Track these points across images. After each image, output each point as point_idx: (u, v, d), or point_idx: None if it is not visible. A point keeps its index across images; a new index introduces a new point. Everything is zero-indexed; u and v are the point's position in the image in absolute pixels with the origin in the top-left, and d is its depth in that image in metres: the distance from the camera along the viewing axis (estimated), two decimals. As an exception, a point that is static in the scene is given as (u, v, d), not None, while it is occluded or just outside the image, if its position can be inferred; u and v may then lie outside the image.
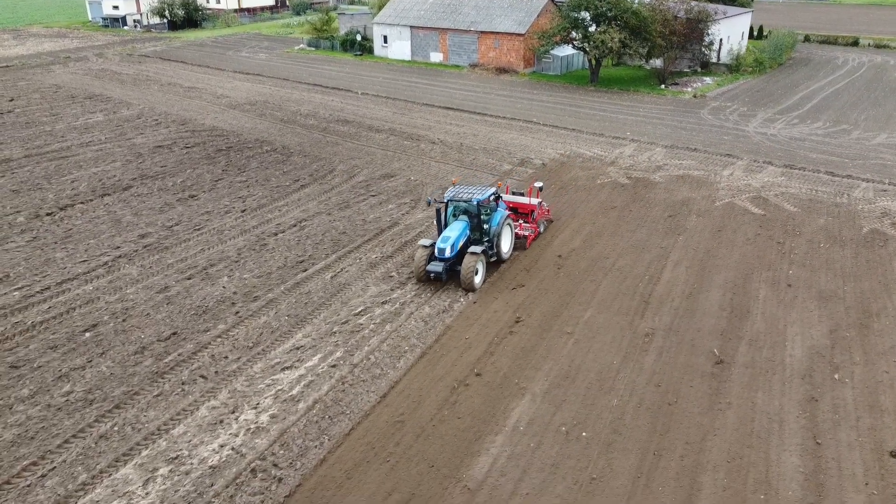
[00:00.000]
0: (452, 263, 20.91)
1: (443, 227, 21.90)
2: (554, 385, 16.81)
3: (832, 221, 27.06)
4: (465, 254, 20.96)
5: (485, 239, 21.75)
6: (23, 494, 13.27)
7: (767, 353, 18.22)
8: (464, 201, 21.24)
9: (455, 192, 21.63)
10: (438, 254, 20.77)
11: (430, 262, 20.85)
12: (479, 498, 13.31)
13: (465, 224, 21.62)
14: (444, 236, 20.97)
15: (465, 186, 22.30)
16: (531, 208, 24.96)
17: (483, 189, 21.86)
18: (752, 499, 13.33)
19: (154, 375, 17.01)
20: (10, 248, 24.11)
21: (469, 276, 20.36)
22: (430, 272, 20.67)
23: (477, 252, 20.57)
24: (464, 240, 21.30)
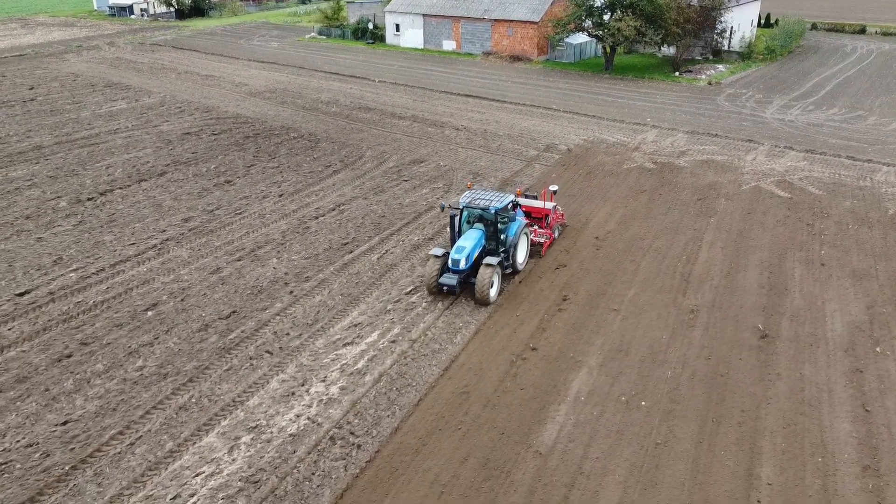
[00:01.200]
0: (467, 275, 19.63)
1: (456, 235, 20.42)
2: (608, 358, 17.43)
3: (858, 204, 27.68)
4: (479, 265, 19.68)
5: (500, 249, 20.29)
6: (115, 461, 13.86)
7: (809, 328, 18.87)
8: (480, 209, 19.81)
9: (471, 199, 20.12)
10: (452, 265, 19.26)
11: (443, 274, 19.50)
12: (552, 462, 13.95)
13: (481, 233, 20.03)
14: (458, 246, 19.47)
15: (481, 191, 20.84)
16: (545, 213, 23.40)
17: (501, 196, 20.33)
18: (811, 462, 13.99)
19: (221, 351, 17.58)
20: (58, 231, 24.59)
21: (484, 289, 18.96)
22: (443, 285, 19.24)
23: (493, 264, 19.11)
24: (479, 250, 19.84)
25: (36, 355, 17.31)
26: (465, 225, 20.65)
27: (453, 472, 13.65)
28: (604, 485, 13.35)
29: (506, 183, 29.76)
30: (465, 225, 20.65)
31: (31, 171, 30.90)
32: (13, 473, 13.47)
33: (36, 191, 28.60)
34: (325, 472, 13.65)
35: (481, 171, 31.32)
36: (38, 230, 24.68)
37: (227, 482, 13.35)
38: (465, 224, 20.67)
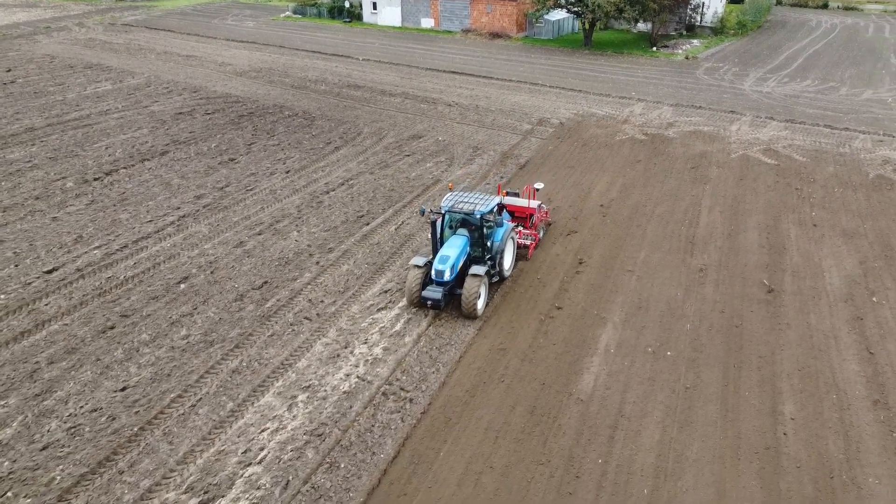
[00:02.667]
0: (451, 286, 18.13)
1: (438, 243, 18.73)
2: (630, 314, 18.56)
3: (840, 169, 29.28)
4: (464, 274, 18.21)
5: (486, 256, 18.77)
6: (181, 421, 14.50)
7: (810, 283, 20.27)
8: (465, 214, 18.19)
9: (454, 202, 18.48)
10: (436, 277, 17.67)
11: (426, 287, 17.93)
12: (593, 408, 15.03)
13: (465, 240, 18.46)
14: (442, 255, 17.85)
15: (463, 193, 19.24)
16: (530, 212, 21.86)
17: (486, 198, 18.80)
18: (826, 398, 15.34)
19: (261, 319, 18.21)
20: (72, 211, 24.71)
21: (472, 302, 17.44)
22: (427, 299, 17.62)
23: (480, 274, 17.56)
24: (464, 258, 18.36)
25: (79, 328, 17.70)
26: (448, 230, 19.02)
27: (504, 420, 14.62)
28: (644, 425, 14.47)
29: (506, 156, 30.63)
30: (448, 230, 19.02)
31: (29, 153, 30.68)
32: (84, 436, 14.01)
33: (39, 172, 28.49)
34: (384, 423, 14.49)
35: (480, 146, 32.11)
36: (52, 210, 24.75)
37: (292, 436, 14.10)
38: (448, 229, 19.03)
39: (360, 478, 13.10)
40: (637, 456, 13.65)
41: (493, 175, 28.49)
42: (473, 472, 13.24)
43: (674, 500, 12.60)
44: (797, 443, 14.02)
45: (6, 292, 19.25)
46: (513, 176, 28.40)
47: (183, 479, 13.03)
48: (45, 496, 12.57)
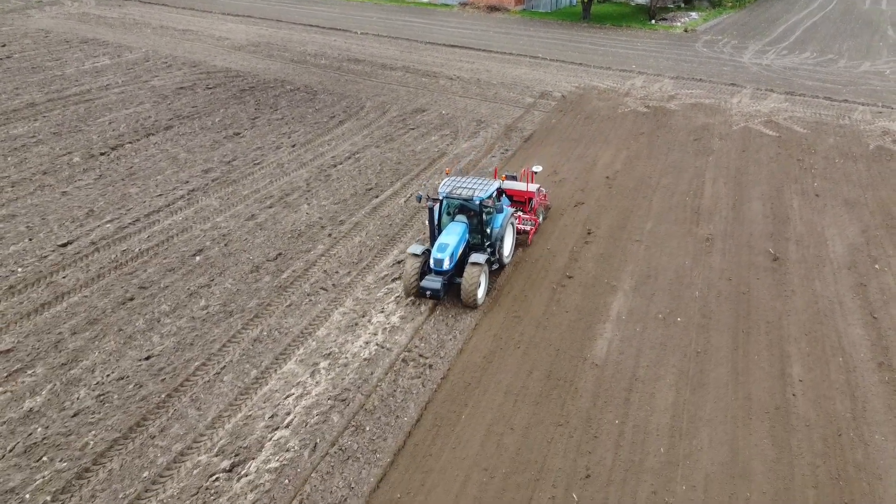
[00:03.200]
0: (451, 275, 17.61)
1: (436, 230, 18.26)
2: (640, 283, 18.96)
3: (841, 140, 29.63)
4: (463, 262, 17.77)
5: (486, 243, 18.26)
6: (207, 388, 14.86)
7: (814, 251, 20.70)
8: (463, 200, 17.62)
9: (451, 187, 17.88)
10: (435, 266, 17.11)
11: (425, 277, 17.36)
12: (608, 372, 15.47)
13: (464, 227, 17.89)
14: (440, 243, 17.24)
15: (461, 178, 18.62)
16: (529, 196, 21.22)
17: (484, 183, 18.18)
18: (833, 361, 15.83)
19: (278, 289, 18.51)
20: (81, 185, 24.80)
21: (472, 291, 16.92)
22: (426, 290, 17.02)
23: (480, 262, 17.01)
24: (463, 246, 17.83)
25: (99, 299, 17.95)
26: (445, 216, 18.45)
27: (522, 384, 15.04)
28: (658, 388, 14.93)
29: (510, 129, 30.79)
30: (445, 216, 18.45)
31: (33, 129, 30.61)
32: (113, 403, 14.35)
33: (44, 147, 28.47)
34: (405, 388, 14.89)
35: (483, 119, 32.24)
36: (60, 185, 24.83)
37: (317, 401, 14.48)
38: (445, 215, 18.46)
39: (385, 440, 13.51)
40: (652, 417, 14.11)
41: (497, 148, 28.69)
42: (495, 434, 13.67)
43: (689, 457, 13.08)
44: (805, 403, 14.51)
45: (23, 266, 19.43)
46: (517, 149, 28.60)
47: (213, 442, 13.41)
48: (81, 460, 12.92)
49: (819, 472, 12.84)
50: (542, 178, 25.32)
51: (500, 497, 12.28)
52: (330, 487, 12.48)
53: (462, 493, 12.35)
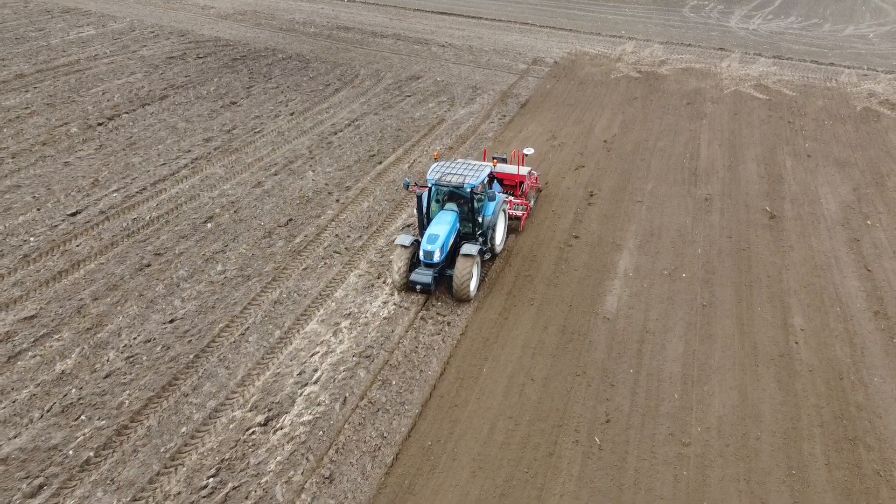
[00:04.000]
0: (441, 267, 16.71)
1: (425, 219, 17.40)
2: (644, 241, 19.58)
3: (829, 102, 30.33)
4: (453, 253, 16.94)
5: (478, 232, 17.37)
6: (234, 348, 15.27)
7: (808, 209, 21.45)
8: (454, 187, 16.72)
9: (441, 174, 16.84)
10: (425, 258, 16.20)
11: (414, 270, 16.44)
12: (619, 325, 16.12)
13: (455, 215, 17.00)
14: (430, 234, 16.29)
15: (451, 163, 17.53)
16: (520, 179, 20.48)
17: (475, 167, 17.23)
18: (832, 311, 16.63)
19: (293, 254, 18.85)
20: (82, 156, 24.74)
21: (464, 284, 16.07)
22: (416, 284, 16.13)
23: (472, 254, 16.09)
24: (454, 236, 16.98)
25: (115, 266, 18.18)
26: (434, 204, 17.57)
27: (538, 338, 15.65)
28: (668, 339, 15.62)
29: (506, 96, 31.05)
30: (434, 204, 17.57)
31: (25, 100, 30.25)
32: (143, 364, 14.72)
33: (39, 118, 28.22)
34: (426, 344, 15.42)
35: (479, 85, 32.44)
36: (61, 155, 24.74)
37: (342, 358, 14.97)
38: (434, 203, 17.57)
39: (412, 392, 14.06)
40: (664, 366, 14.81)
41: (495, 114, 28.99)
42: (517, 385, 14.29)
43: (702, 402, 13.81)
44: (808, 350, 15.30)
45: (35, 235, 19.54)
46: (515, 115, 28.93)
47: (245, 399, 13.87)
48: (118, 418, 13.33)
49: (823, 412, 13.64)
50: (540, 143, 25.75)
51: (526, 442, 12.92)
52: (363, 437, 13.03)
53: (489, 440, 12.97)
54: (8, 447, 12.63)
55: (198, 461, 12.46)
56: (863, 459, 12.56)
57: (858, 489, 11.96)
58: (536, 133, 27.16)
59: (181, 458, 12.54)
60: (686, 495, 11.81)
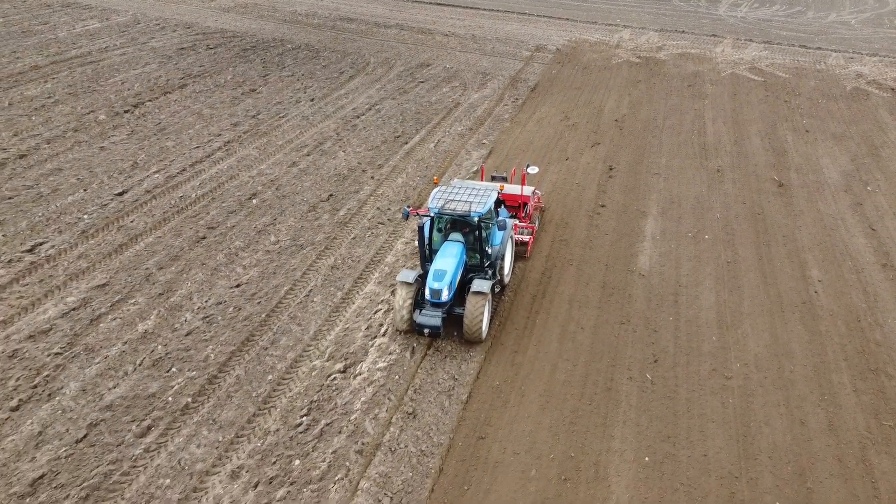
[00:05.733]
0: (451, 306, 14.96)
1: (427, 251, 15.62)
2: (666, 208, 21.02)
3: (821, 83, 32.12)
4: (461, 288, 15.27)
5: (486, 263, 15.67)
6: (302, 307, 16.38)
7: (812, 178, 23.08)
8: (460, 216, 14.84)
9: (444, 201, 15.05)
10: (432, 297, 14.53)
11: (420, 310, 14.72)
12: (654, 280, 17.52)
13: (461, 247, 15.30)
14: (437, 271, 14.65)
15: (454, 188, 15.74)
16: (523, 200, 18.92)
17: (481, 192, 15.47)
18: (844, 264, 18.20)
19: (340, 225, 19.98)
20: (116, 140, 25.54)
21: (477, 326, 14.42)
22: (423, 327, 14.40)
23: (484, 291, 14.40)
24: (462, 270, 15.32)
25: (173, 239, 19.15)
26: (437, 233, 15.89)
27: (582, 293, 16.98)
28: (700, 291, 17.06)
29: (515, 80, 32.35)
30: (437, 233, 15.89)
31: (46, 90, 30.85)
32: (220, 323, 15.79)
33: (65, 107, 28.88)
34: (480, 301, 16.62)
35: (487, 71, 33.71)
36: (95, 140, 25.51)
37: (404, 314, 16.11)
38: (437, 232, 15.89)
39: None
40: (700, 313, 16.24)
41: (508, 97, 30.28)
42: (569, 333, 15.61)
43: (738, 343, 15.26)
44: (827, 298, 16.84)
45: (87, 213, 20.40)
46: (526, 98, 30.23)
47: (321, 350, 15.02)
48: (207, 369, 14.40)
49: (847, 348, 15.17)
50: (554, 123, 27.08)
51: (585, 380, 14.24)
52: (437, 380, 14.24)
53: (552, 379, 14.27)
54: (110, 396, 13.64)
55: (289, 403, 13.59)
56: (885, 386, 14.08)
57: (884, 410, 13.47)
58: (550, 114, 28.50)
59: (273, 402, 13.65)
60: (735, 418, 13.22)
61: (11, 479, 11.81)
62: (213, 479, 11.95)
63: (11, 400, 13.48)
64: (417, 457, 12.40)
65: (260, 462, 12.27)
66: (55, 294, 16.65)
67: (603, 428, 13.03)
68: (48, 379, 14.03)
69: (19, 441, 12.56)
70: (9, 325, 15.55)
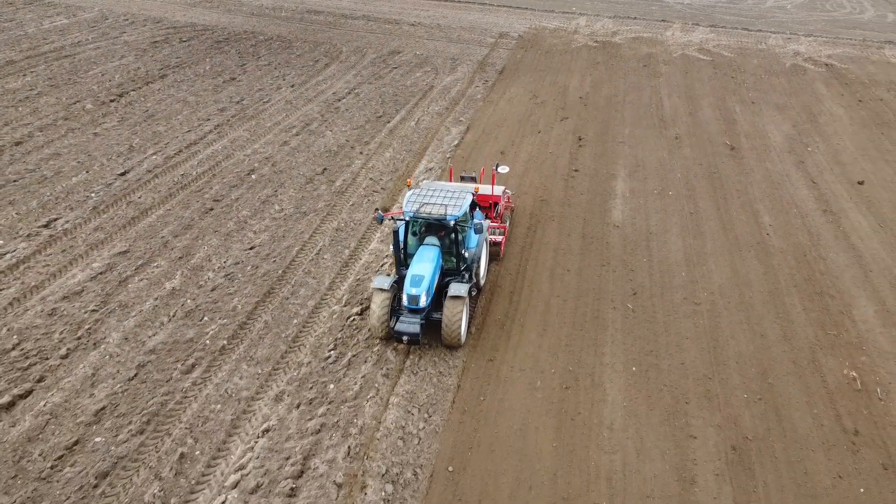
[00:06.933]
0: (428, 311, 14.60)
1: (402, 256, 15.36)
2: (632, 171, 23.24)
3: (763, 61, 34.98)
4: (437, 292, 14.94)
5: (462, 266, 15.39)
6: (314, 264, 17.97)
7: (759, 142, 25.64)
8: (435, 219, 14.63)
9: (419, 204, 14.82)
10: (410, 303, 14.23)
11: (398, 317, 14.32)
12: (627, 230, 19.66)
13: (437, 251, 15.01)
14: (414, 276, 14.33)
15: (428, 190, 15.54)
16: (494, 200, 18.52)
17: (456, 195, 15.29)
18: (790, 212, 20.67)
19: (337, 194, 21.57)
20: (108, 127, 26.52)
21: (456, 331, 14.17)
22: (402, 335, 13.96)
23: (461, 295, 14.16)
24: (439, 274, 15.03)
25: (182, 211, 20.46)
26: (411, 237, 15.55)
27: (565, 243, 19.00)
28: (668, 238, 19.26)
29: (483, 64, 34.29)
30: (411, 237, 15.55)
31: (26, 83, 31.42)
32: (241, 279, 17.27)
33: (49, 98, 29.59)
34: (475, 252, 18.47)
35: (456, 57, 35.57)
36: (87, 127, 26.43)
37: (408, 266, 17.86)
38: (411, 236, 15.55)
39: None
40: (670, 255, 18.43)
41: (478, 79, 32.20)
42: (557, 275, 17.59)
43: (704, 277, 17.48)
44: (777, 238, 19.23)
45: (94, 191, 21.49)
46: (495, 81, 32.19)
47: (338, 298, 16.66)
48: (236, 317, 15.89)
49: (796, 277, 17.54)
50: (524, 101, 29.08)
51: (575, 311, 16.23)
52: (445, 317, 16.00)
53: (547, 311, 16.22)
54: (152, 342, 15.04)
55: (316, 341, 15.21)
56: (829, 304, 16.47)
57: (828, 322, 15.84)
58: (519, 94, 30.53)
59: (301, 340, 15.25)
60: (705, 334, 15.40)
61: (76, 412, 13.16)
62: (259, 403, 13.51)
63: (60, 349, 14.74)
64: (437, 377, 14.17)
65: (298, 387, 13.88)
66: (80, 261, 17.84)
67: (594, 347, 15.03)
68: (90, 331, 15.32)
69: (76, 381, 13.89)
70: (41, 288, 16.72)
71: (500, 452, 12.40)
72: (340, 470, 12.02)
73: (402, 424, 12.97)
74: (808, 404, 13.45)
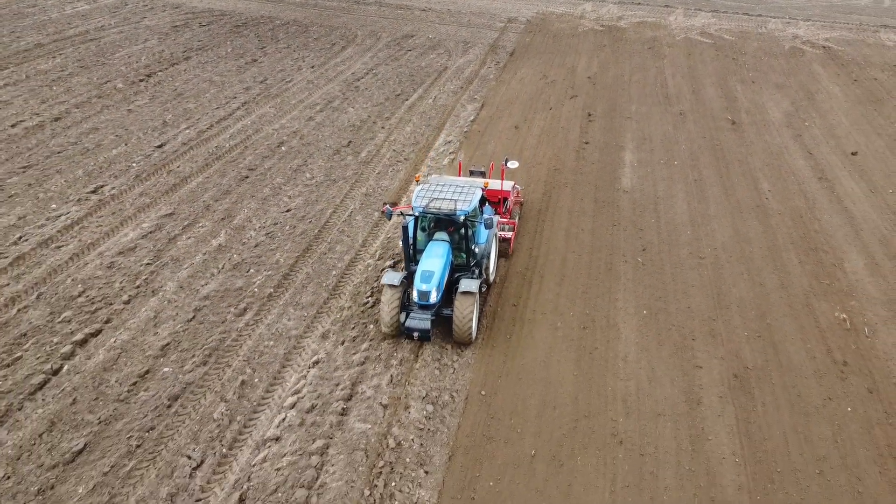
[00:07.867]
0: (438, 307, 14.61)
1: (412, 251, 15.23)
2: (639, 144, 24.68)
3: (763, 44, 36.34)
4: (448, 289, 14.92)
5: (472, 262, 15.33)
6: (347, 224, 19.43)
7: (759, 117, 27.07)
8: (445, 214, 14.52)
9: (428, 199, 14.72)
10: (420, 299, 14.26)
11: (408, 313, 14.39)
12: (636, 195, 21.11)
13: (447, 246, 14.96)
14: (424, 272, 14.31)
15: (437, 185, 15.42)
16: (503, 195, 18.45)
17: (465, 189, 15.21)
18: (788, 178, 22.13)
19: (364, 164, 23.00)
20: (141, 104, 27.93)
21: (467, 327, 14.09)
22: (413, 331, 13.99)
23: (472, 291, 14.08)
24: (448, 271, 14.94)
25: (219, 179, 21.90)
26: (420, 233, 15.52)
27: (578, 206, 20.46)
28: (674, 202, 20.73)
29: (494, 47, 35.66)
30: (420, 233, 15.52)
31: (57, 64, 32.79)
32: (281, 238, 18.73)
33: (80, 78, 30.98)
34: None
35: (467, 40, 36.92)
36: (120, 105, 27.83)
37: (434, 226, 19.30)
38: (420, 231, 15.50)
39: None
40: (676, 216, 19.90)
41: (490, 61, 33.57)
42: (572, 234, 19.05)
43: (708, 235, 18.96)
44: (775, 202, 20.70)
45: (135, 161, 22.93)
46: (507, 62, 33.57)
47: (371, 253, 18.13)
48: (280, 269, 17.37)
49: (793, 235, 19.02)
50: (535, 81, 30.43)
51: (590, 264, 17.71)
52: (471, 269, 17.48)
53: (564, 265, 17.69)
54: (205, 290, 16.52)
55: (354, 289, 16.69)
56: (822, 259, 17.96)
57: (821, 273, 17.33)
58: (529, 74, 31.92)
59: (341, 289, 16.73)
60: (710, 283, 16.89)
61: (144, 347, 14.66)
62: (307, 340, 15.01)
63: (122, 296, 16.22)
64: (467, 319, 15.62)
65: (342, 327, 15.37)
66: (130, 222, 19.31)
67: (608, 294, 16.52)
68: (147, 281, 16.80)
69: (140, 322, 15.38)
70: (98, 245, 18.19)
71: (526, 380, 13.90)
72: (385, 394, 13.52)
73: (438, 357, 14.46)
74: (802, 340, 14.94)
